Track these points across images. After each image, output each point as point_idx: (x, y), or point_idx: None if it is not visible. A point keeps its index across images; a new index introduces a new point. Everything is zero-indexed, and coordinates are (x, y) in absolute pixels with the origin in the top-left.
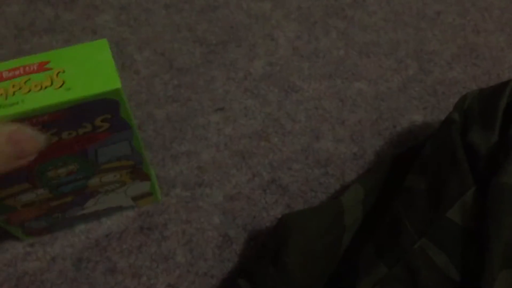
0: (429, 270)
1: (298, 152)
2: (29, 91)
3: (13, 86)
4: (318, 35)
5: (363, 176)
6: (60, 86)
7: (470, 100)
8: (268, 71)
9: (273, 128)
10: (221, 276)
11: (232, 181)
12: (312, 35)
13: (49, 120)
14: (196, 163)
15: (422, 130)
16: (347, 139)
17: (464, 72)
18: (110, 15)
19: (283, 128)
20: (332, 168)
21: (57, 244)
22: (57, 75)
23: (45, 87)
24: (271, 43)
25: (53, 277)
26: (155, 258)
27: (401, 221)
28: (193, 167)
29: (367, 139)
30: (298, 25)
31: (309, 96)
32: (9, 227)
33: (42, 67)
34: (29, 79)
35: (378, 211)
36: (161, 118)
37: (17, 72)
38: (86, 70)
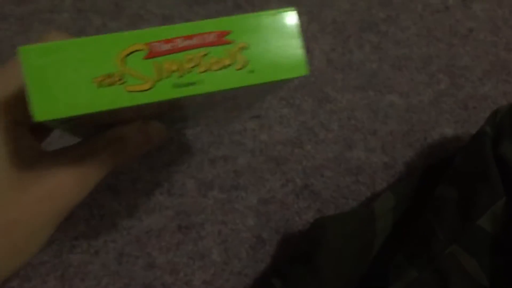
0: (459, 276)
1: (331, 160)
2: (207, 70)
3: (189, 60)
4: (352, 48)
5: (394, 185)
6: (243, 67)
7: (502, 114)
8: (303, 82)
9: (307, 136)
10: (254, 276)
11: (266, 186)
12: (346, 48)
13: None
14: (232, 167)
15: (453, 143)
16: (379, 149)
17: (495, 88)
18: (154, 24)
19: (316, 137)
20: (363, 176)
21: (100, 238)
22: (239, 51)
23: (226, 66)
24: (307, 55)
25: (96, 269)
26: (192, 255)
27: (432, 228)
28: (230, 170)
29: (398, 150)
30: (333, 38)
31: (342, 106)
32: None
33: (222, 39)
34: (207, 54)
35: (408, 219)
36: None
37: (193, 42)
38: (273, 47)
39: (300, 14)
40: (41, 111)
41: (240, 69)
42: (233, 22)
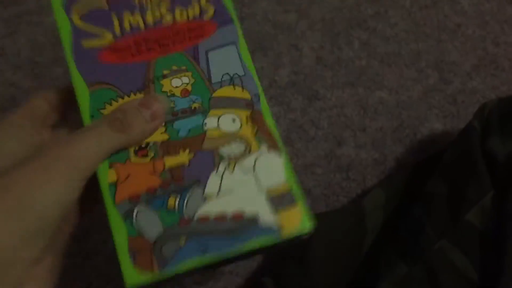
0: (448, 271)
1: (321, 157)
2: None
3: None
4: (341, 45)
5: (384, 181)
6: None
7: (490, 108)
8: (293, 80)
9: (297, 134)
10: (245, 275)
11: None
12: (335, 45)
13: None
14: None
15: (442, 138)
16: (369, 145)
17: (483, 82)
18: None
19: (306, 134)
20: (353, 173)
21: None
22: None
23: None
24: (296, 53)
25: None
26: None
27: (421, 223)
28: None
29: (388, 146)
30: (322, 35)
31: (332, 104)
32: (114, 219)
33: None
34: None
35: (399, 215)
36: None
37: None
38: None
39: (288, 12)
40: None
41: None
42: None
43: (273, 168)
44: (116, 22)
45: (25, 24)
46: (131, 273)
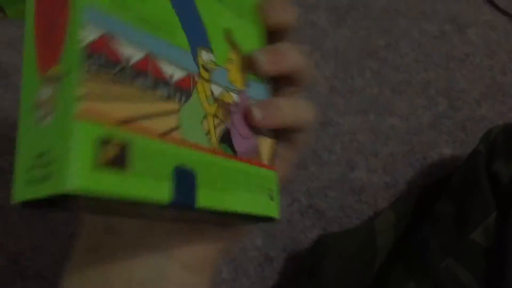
0: (454, 286)
1: (334, 180)
2: None
3: None
4: (354, 74)
5: (394, 203)
6: None
7: (495, 133)
8: None
9: (311, 158)
10: None
11: None
12: (348, 74)
13: None
14: None
15: (451, 162)
16: (380, 169)
17: (492, 110)
18: None
19: (320, 159)
20: (365, 196)
21: None
22: None
23: None
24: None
25: None
26: None
27: (429, 242)
28: None
29: (399, 170)
30: (335, 65)
31: (344, 129)
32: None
33: None
34: None
35: (408, 235)
36: None
37: None
38: None
39: (303, 43)
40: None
41: None
42: None
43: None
44: None
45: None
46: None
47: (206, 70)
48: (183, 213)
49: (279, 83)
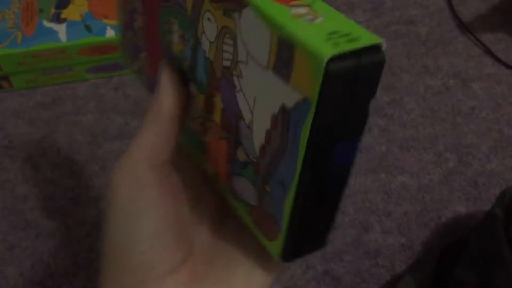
0: None
1: (349, 243)
2: None
3: None
4: None
5: (413, 268)
6: None
7: (511, 194)
8: None
9: None
10: None
11: (287, 274)
12: None
13: None
14: None
15: (466, 221)
16: (395, 230)
17: (502, 164)
18: None
19: None
20: (382, 259)
21: None
22: None
23: None
24: None
25: None
26: None
27: None
28: None
29: (414, 230)
30: None
31: (355, 189)
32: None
33: None
34: None
35: None
36: None
37: None
38: None
39: None
40: None
41: None
42: None
43: (255, 29)
44: None
45: (63, 125)
46: (269, 244)
47: None
48: None
49: None
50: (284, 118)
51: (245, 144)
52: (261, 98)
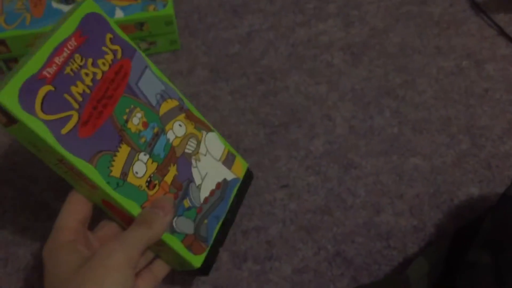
0: None
1: (360, 225)
2: None
3: None
4: (372, 114)
5: (426, 249)
6: None
7: None
8: (328, 149)
9: (335, 203)
10: None
11: (299, 255)
12: (366, 114)
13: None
14: (264, 237)
15: (479, 203)
16: (407, 212)
17: None
18: None
19: (344, 203)
20: (393, 241)
21: None
22: None
23: None
24: (329, 123)
25: None
26: None
27: None
28: (262, 241)
29: (426, 212)
30: (353, 105)
31: (367, 171)
32: (166, 237)
33: None
34: None
35: (443, 283)
36: None
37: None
38: None
39: (319, 84)
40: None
41: None
42: None
43: (215, 143)
44: (70, 99)
45: None
46: (194, 259)
47: None
48: None
49: None
50: (225, 184)
51: (192, 196)
52: (211, 173)
